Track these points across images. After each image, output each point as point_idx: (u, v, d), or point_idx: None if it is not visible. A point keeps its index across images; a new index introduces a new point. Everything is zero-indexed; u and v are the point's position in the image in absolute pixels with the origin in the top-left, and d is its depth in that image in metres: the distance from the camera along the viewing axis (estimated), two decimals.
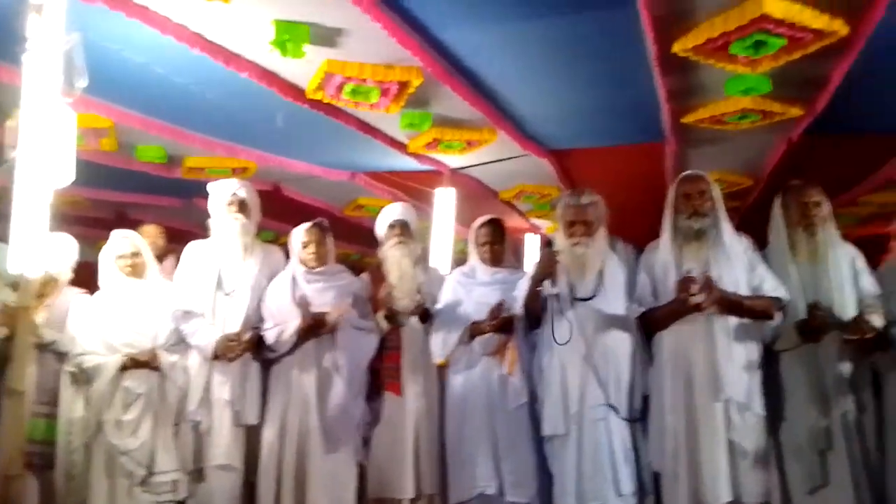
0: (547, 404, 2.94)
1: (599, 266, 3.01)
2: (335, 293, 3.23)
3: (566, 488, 2.84)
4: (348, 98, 2.91)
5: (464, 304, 3.22)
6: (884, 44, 2.50)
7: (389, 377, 3.25)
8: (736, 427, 2.71)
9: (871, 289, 2.83)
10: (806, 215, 2.86)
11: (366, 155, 4.17)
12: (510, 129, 3.65)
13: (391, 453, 3.20)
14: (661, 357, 2.89)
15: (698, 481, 2.71)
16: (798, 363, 2.79)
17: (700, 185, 2.93)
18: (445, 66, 2.77)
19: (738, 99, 3.06)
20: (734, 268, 2.84)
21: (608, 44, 2.72)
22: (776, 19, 2.25)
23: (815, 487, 2.70)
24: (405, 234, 3.36)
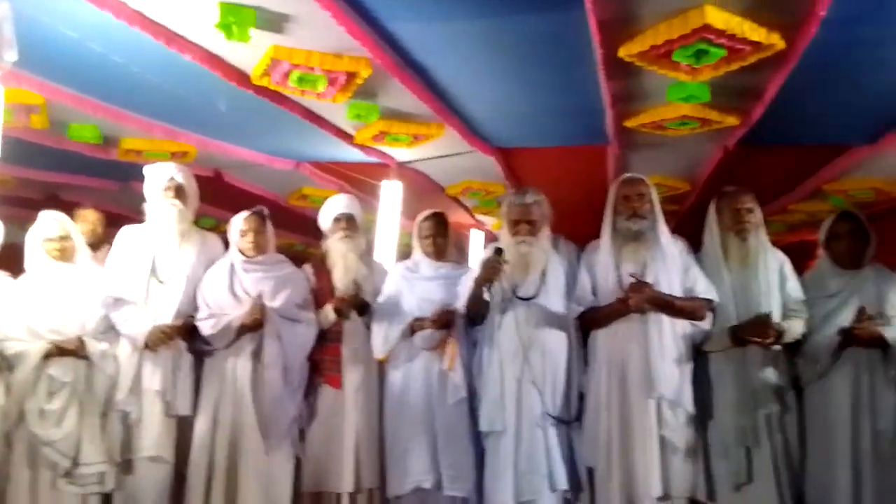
0: (485, 401, 2.96)
1: (543, 265, 3.05)
2: (274, 283, 3.17)
3: (502, 483, 2.87)
4: (295, 86, 2.85)
5: (406, 298, 3.22)
6: (816, 60, 2.60)
7: (329, 370, 3.22)
8: (667, 424, 2.80)
9: (796, 294, 2.97)
10: (739, 221, 2.97)
11: (311, 144, 4.10)
12: (458, 125, 3.66)
13: (329, 447, 3.18)
14: (597, 356, 2.96)
15: (631, 476, 2.79)
16: (726, 364, 2.90)
17: (639, 188, 3.00)
18: (395, 59, 2.75)
19: (679, 106, 3.14)
20: (669, 269, 2.93)
21: (556, 46, 2.75)
22: (717, 30, 2.32)
23: (739, 484, 2.80)
24: (350, 227, 3.33)
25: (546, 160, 4.45)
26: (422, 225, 3.37)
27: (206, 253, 3.25)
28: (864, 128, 3.63)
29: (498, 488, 2.88)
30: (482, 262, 2.98)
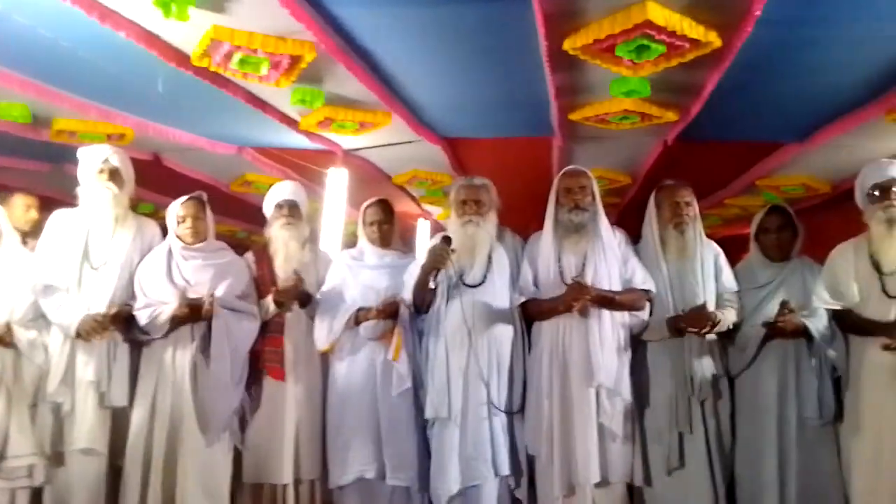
0: (431, 389, 2.97)
1: (489, 246, 3.08)
2: (214, 271, 3.10)
3: (447, 469, 2.89)
4: (236, 68, 2.78)
5: (350, 287, 3.20)
6: (751, 59, 2.69)
7: (271, 361, 3.17)
8: (606, 412, 2.86)
9: (730, 285, 3.08)
10: (677, 214, 3.05)
11: (255, 129, 4.02)
12: (405, 113, 3.64)
13: (270, 438, 3.14)
14: (540, 345, 3.00)
15: (570, 463, 2.85)
16: (663, 353, 2.99)
17: (581, 181, 3.05)
18: (340, 44, 2.71)
19: (621, 100, 3.21)
20: (609, 260, 2.99)
21: (503, 37, 2.76)
22: (658, 26, 2.37)
23: (673, 468, 2.90)
24: (293, 214, 3.28)
25: (492, 150, 4.48)
26: (366, 211, 3.36)
27: (142, 239, 3.15)
28: (796, 126, 3.79)
29: (443, 474, 2.90)
30: (429, 250, 2.98)
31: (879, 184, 2.78)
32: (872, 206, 2.80)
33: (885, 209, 2.73)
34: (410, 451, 3.05)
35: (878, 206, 2.76)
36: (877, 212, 2.77)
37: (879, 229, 2.75)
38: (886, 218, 2.73)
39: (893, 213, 2.72)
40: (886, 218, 2.73)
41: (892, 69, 2.82)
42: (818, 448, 2.86)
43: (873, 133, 3.61)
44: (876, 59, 2.75)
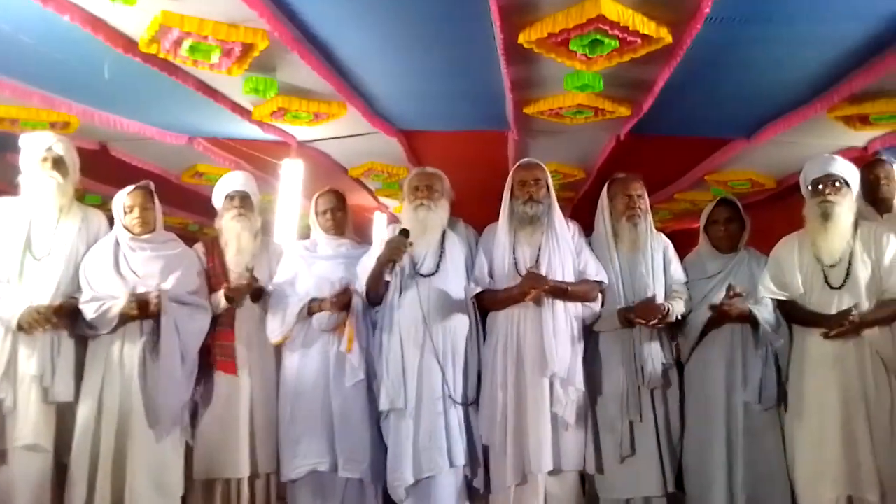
0: (386, 380, 2.96)
1: (440, 230, 3.09)
2: (163, 263, 3.03)
3: (402, 460, 2.89)
4: (186, 55, 2.72)
5: (303, 278, 3.17)
6: (700, 56, 2.76)
7: (222, 355, 3.12)
8: (559, 401, 2.90)
9: (678, 276, 3.15)
10: (630, 206, 3.09)
11: (206, 119, 3.94)
12: (360, 104, 3.62)
13: (224, 433, 3.09)
14: (495, 336, 3.03)
15: (524, 452, 2.88)
16: (615, 343, 3.03)
17: (536, 173, 3.08)
18: (294, 32, 2.68)
19: (575, 94, 3.25)
20: (563, 252, 3.03)
21: (460, 29, 2.77)
22: (611, 21, 2.42)
23: (624, 456, 2.95)
24: (244, 205, 3.23)
25: (449, 143, 4.50)
26: (318, 200, 3.34)
27: (88, 229, 3.05)
28: (742, 122, 3.91)
29: (399, 466, 2.90)
30: (386, 242, 2.97)
31: (817, 179, 2.87)
32: (810, 201, 2.88)
33: (820, 203, 2.82)
34: (364, 443, 3.03)
35: (814, 199, 2.85)
36: (812, 206, 2.85)
37: (815, 223, 2.84)
38: (821, 212, 2.81)
39: (827, 207, 2.80)
40: (821, 212, 2.81)
41: (834, 68, 2.93)
42: (764, 434, 2.94)
43: (816, 130, 3.74)
44: (819, 57, 2.86)
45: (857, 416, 2.72)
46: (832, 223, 2.79)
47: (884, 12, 2.42)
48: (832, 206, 2.79)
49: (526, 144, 4.36)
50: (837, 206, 2.80)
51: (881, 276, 2.77)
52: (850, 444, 2.72)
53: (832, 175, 2.83)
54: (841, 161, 2.89)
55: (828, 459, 2.75)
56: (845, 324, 2.68)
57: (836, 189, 2.82)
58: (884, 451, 2.70)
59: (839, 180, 2.83)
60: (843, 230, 2.81)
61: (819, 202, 2.83)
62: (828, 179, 2.84)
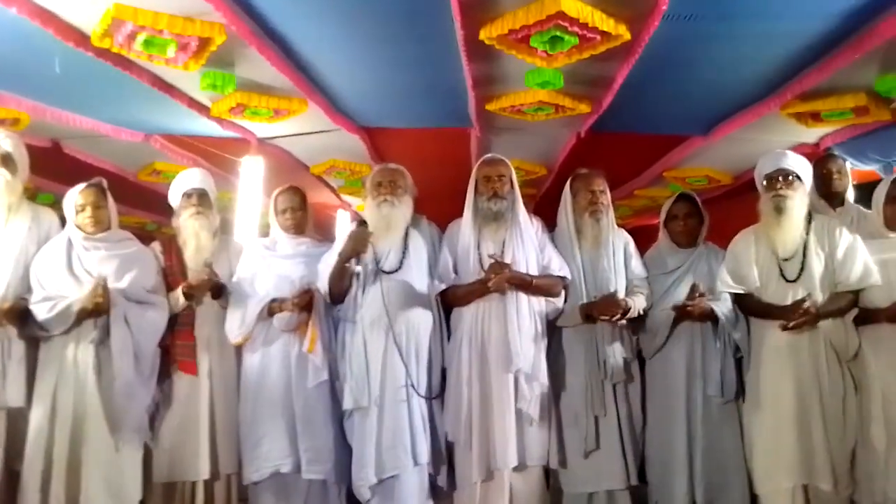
0: (350, 378, 2.94)
1: (403, 227, 3.08)
2: (119, 262, 2.95)
3: (366, 459, 2.87)
4: (141, 49, 2.66)
5: (264, 277, 3.12)
6: (658, 53, 2.80)
7: (182, 355, 3.06)
8: (524, 397, 2.91)
9: (639, 272, 3.19)
10: (593, 202, 3.12)
11: (163, 115, 3.86)
12: (321, 101, 3.58)
13: (184, 434, 3.03)
14: (460, 332, 3.02)
15: (489, 447, 2.89)
16: (577, 338, 3.06)
17: (500, 169, 3.09)
18: (251, 27, 2.64)
19: (536, 91, 3.27)
20: (526, 247, 3.04)
21: (421, 25, 2.76)
22: (571, 17, 2.44)
23: (588, 451, 2.98)
24: (202, 203, 3.16)
25: (412, 141, 4.48)
26: (278, 199, 3.28)
27: (38, 228, 2.96)
28: (700, 119, 3.98)
29: (362, 465, 2.88)
30: (348, 235, 2.94)
31: (770, 174, 2.93)
32: (765, 195, 2.95)
33: (773, 197, 2.89)
34: (327, 443, 3.01)
35: (768, 194, 2.91)
36: (766, 200, 2.92)
37: (769, 216, 2.91)
38: (774, 205, 2.88)
39: (779, 201, 2.87)
40: (774, 205, 2.88)
41: (787, 65, 3.00)
42: (722, 426, 2.99)
43: (770, 127, 3.83)
44: (773, 55, 2.92)
45: (811, 407, 2.80)
46: (785, 216, 2.86)
47: (834, 10, 2.48)
48: (784, 199, 2.86)
49: (488, 141, 4.37)
50: (790, 199, 2.87)
51: (834, 269, 2.85)
52: (804, 433, 2.79)
53: (784, 170, 2.91)
54: (793, 156, 2.96)
55: (783, 449, 2.82)
56: (799, 314, 2.74)
57: (789, 183, 2.89)
58: (836, 440, 2.78)
59: (791, 175, 2.90)
60: (796, 223, 2.88)
61: (772, 196, 2.89)
62: (780, 174, 2.91)
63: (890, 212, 2.86)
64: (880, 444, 2.71)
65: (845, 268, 2.83)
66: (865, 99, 3.22)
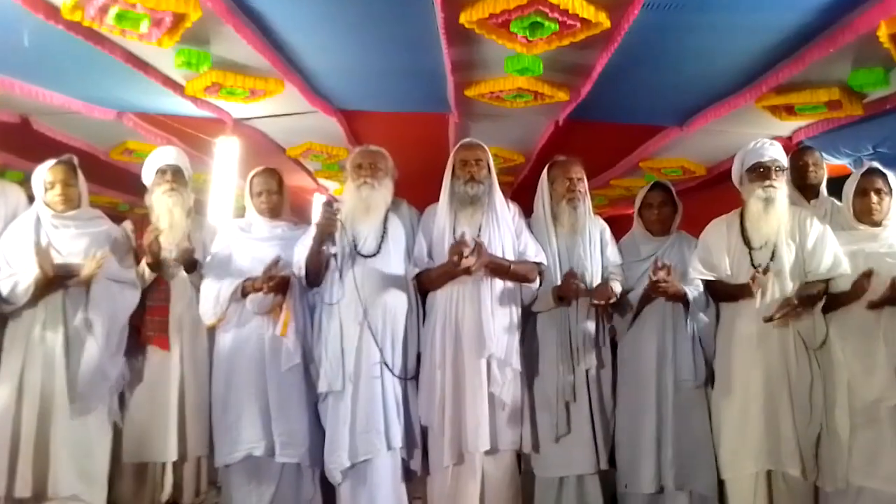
0: (325, 362, 2.93)
1: (384, 210, 3.06)
2: (89, 240, 2.91)
3: (339, 443, 2.87)
4: (113, 24, 2.59)
5: (238, 259, 3.09)
6: (637, 42, 2.81)
7: (155, 331, 3.03)
8: (496, 381, 2.92)
9: (615, 259, 3.21)
10: (570, 189, 3.13)
11: (136, 92, 3.77)
12: (298, 82, 3.54)
13: (153, 414, 3.02)
14: (434, 316, 3.02)
15: (461, 431, 2.90)
16: (551, 324, 3.08)
17: (477, 153, 3.08)
18: (228, 4, 2.59)
19: (515, 78, 3.26)
20: (502, 233, 3.05)
21: (401, 7, 2.73)
22: (551, 3, 2.43)
23: (560, 435, 3.01)
24: (177, 180, 3.12)
25: (390, 125, 4.45)
26: (253, 181, 3.25)
27: (5, 205, 2.91)
28: (675, 110, 4.01)
29: (336, 449, 2.88)
30: (318, 220, 2.92)
31: (762, 163, 2.93)
32: (752, 185, 2.95)
33: (765, 188, 2.90)
34: (301, 427, 3.00)
35: (758, 184, 2.91)
36: (756, 190, 2.92)
37: (757, 206, 2.91)
38: (765, 197, 2.89)
39: (772, 192, 2.88)
40: (765, 197, 2.89)
41: (763, 57, 3.03)
42: (692, 411, 3.04)
43: (745, 119, 3.87)
44: (750, 47, 2.94)
45: (779, 393, 2.85)
46: (774, 208, 2.89)
47: (811, 4, 2.50)
48: (776, 191, 2.89)
49: (467, 127, 4.36)
50: (780, 191, 2.90)
51: (804, 259, 2.90)
52: (771, 420, 2.84)
53: (776, 161, 2.92)
54: (779, 147, 2.99)
55: (750, 434, 2.87)
56: (756, 285, 2.76)
57: (779, 175, 2.92)
58: (803, 427, 2.84)
59: (781, 167, 2.93)
60: (781, 215, 2.91)
61: (766, 187, 2.90)
62: (773, 164, 2.92)
63: (859, 205, 2.91)
64: (844, 432, 2.77)
65: (815, 257, 2.88)
66: (839, 93, 3.26)
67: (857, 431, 2.76)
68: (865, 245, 2.87)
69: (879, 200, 2.87)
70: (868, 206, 2.88)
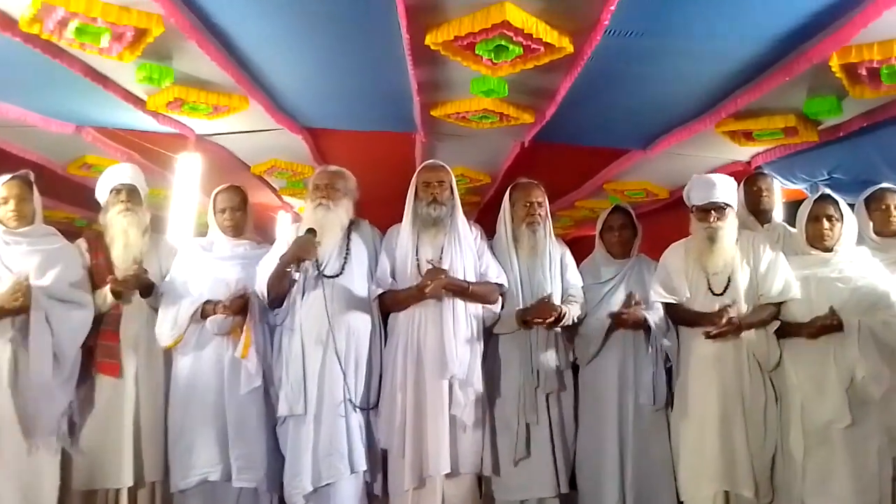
0: (286, 384, 2.88)
1: (339, 231, 3.03)
2: (41, 258, 2.82)
3: (301, 467, 2.82)
4: (73, 37, 2.54)
5: (198, 279, 3.03)
6: (600, 66, 2.85)
7: (105, 357, 2.94)
8: (458, 403, 2.91)
9: (575, 281, 3.23)
10: (530, 213, 3.16)
11: (95, 107, 3.70)
12: (263, 99, 3.51)
13: (106, 440, 2.92)
14: (395, 337, 3.01)
15: (422, 454, 2.87)
16: (513, 346, 3.08)
17: (440, 175, 3.09)
18: (191, 19, 2.56)
19: (481, 99, 3.28)
20: (465, 254, 3.05)
21: (367, 27, 2.73)
22: (515, 27, 2.45)
23: (520, 459, 2.99)
24: (132, 199, 3.06)
25: (356, 143, 4.43)
26: (217, 198, 3.20)
27: None
28: (639, 134, 4.07)
29: (298, 473, 2.82)
30: (295, 241, 2.89)
31: (701, 206, 3.02)
32: (697, 222, 3.04)
33: (706, 228, 2.99)
34: (259, 451, 2.93)
35: (702, 224, 3.00)
36: (700, 229, 3.02)
37: (703, 244, 3.01)
38: (707, 236, 2.99)
39: (713, 232, 2.97)
40: (707, 236, 2.99)
41: (721, 84, 3.10)
42: (652, 434, 3.06)
43: (706, 144, 3.95)
44: (709, 74, 3.01)
45: (734, 415, 2.89)
46: (717, 245, 2.97)
47: (768, 34, 2.57)
48: (717, 231, 2.96)
49: (433, 147, 4.37)
50: (721, 230, 2.97)
51: (758, 283, 2.96)
52: (727, 441, 2.88)
53: (715, 203, 2.99)
54: (721, 184, 3.04)
55: (707, 456, 2.90)
56: (722, 319, 2.82)
57: (721, 215, 2.98)
58: (757, 448, 2.88)
59: (722, 206, 2.99)
60: (728, 247, 2.98)
61: (706, 228, 2.99)
62: (711, 206, 2.99)
63: (811, 230, 2.98)
64: (798, 453, 2.82)
65: (767, 281, 2.94)
66: (795, 120, 3.35)
67: (811, 453, 2.81)
68: (817, 270, 2.94)
69: (831, 227, 2.94)
70: (820, 232, 2.95)
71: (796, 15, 2.42)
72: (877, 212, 3.12)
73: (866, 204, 3.16)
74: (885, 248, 3.05)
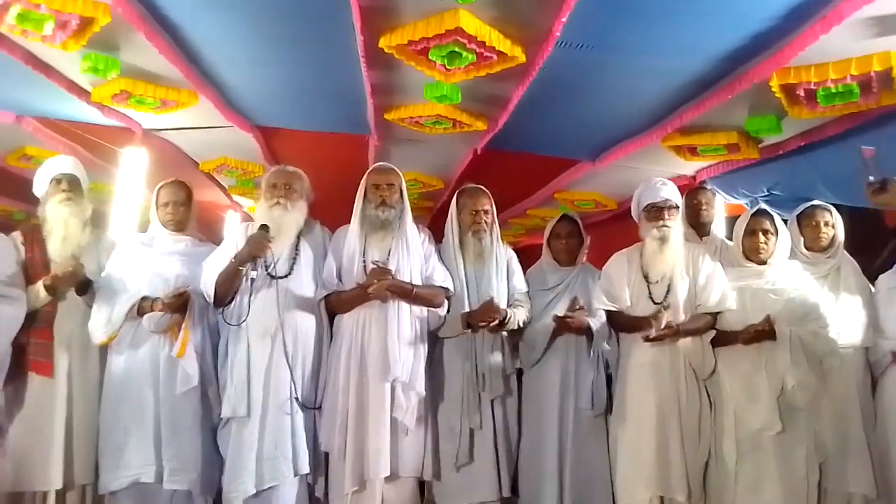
0: (229, 386, 2.84)
1: (295, 232, 3.01)
2: None
3: (243, 470, 2.77)
4: (14, 23, 2.46)
5: (137, 274, 2.96)
6: (551, 77, 2.90)
7: (37, 355, 2.84)
8: (400, 406, 2.90)
9: (521, 286, 3.27)
10: (476, 221, 3.19)
11: (37, 96, 3.57)
12: (213, 95, 3.45)
13: (35, 441, 2.81)
14: (339, 339, 2.99)
15: (362, 457, 2.85)
16: (457, 350, 3.10)
17: (390, 178, 3.09)
18: (140, 10, 2.50)
19: (434, 105, 3.30)
20: (412, 258, 3.05)
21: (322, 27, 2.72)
22: (469, 34, 2.48)
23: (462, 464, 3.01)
24: (74, 190, 2.97)
25: (308, 144, 4.40)
26: (161, 191, 3.14)
27: None
28: (589, 145, 4.15)
29: (239, 475, 2.77)
30: (248, 238, 2.85)
31: (655, 203, 3.08)
32: (647, 224, 3.10)
33: (659, 228, 3.05)
34: (193, 452, 2.87)
35: (653, 224, 3.06)
36: (651, 229, 3.07)
37: (653, 245, 3.07)
38: (659, 236, 3.05)
39: (665, 232, 3.04)
40: (659, 236, 3.05)
41: (667, 99, 3.18)
42: (591, 438, 3.11)
43: (653, 157, 4.05)
44: (656, 89, 3.09)
45: (669, 421, 2.96)
46: (668, 246, 3.03)
47: (712, 53, 2.66)
48: (670, 230, 3.03)
49: (387, 151, 4.36)
50: (673, 230, 3.04)
51: (696, 293, 3.05)
52: (662, 447, 2.94)
53: (669, 201, 3.07)
54: (672, 186, 3.14)
55: (642, 461, 2.95)
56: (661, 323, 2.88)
57: (672, 214, 3.06)
58: (692, 454, 2.95)
59: (674, 206, 3.07)
60: (676, 250, 3.05)
61: (659, 227, 3.04)
62: (665, 205, 3.06)
63: (747, 243, 3.08)
64: (731, 459, 2.91)
65: (705, 292, 3.03)
66: (737, 137, 3.46)
67: (743, 459, 2.89)
68: (752, 281, 3.03)
69: (766, 240, 3.04)
70: (756, 245, 3.05)
71: (740, 35, 2.50)
72: (807, 228, 3.23)
73: (798, 220, 3.26)
74: (814, 263, 3.17)
